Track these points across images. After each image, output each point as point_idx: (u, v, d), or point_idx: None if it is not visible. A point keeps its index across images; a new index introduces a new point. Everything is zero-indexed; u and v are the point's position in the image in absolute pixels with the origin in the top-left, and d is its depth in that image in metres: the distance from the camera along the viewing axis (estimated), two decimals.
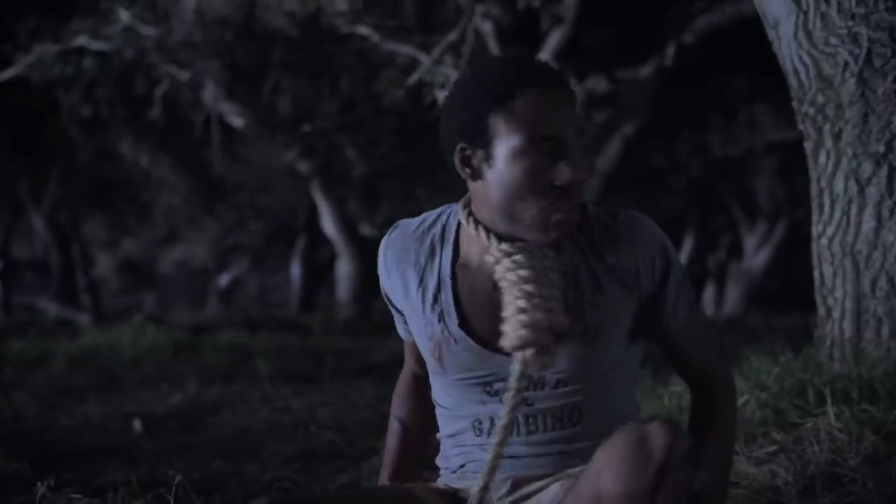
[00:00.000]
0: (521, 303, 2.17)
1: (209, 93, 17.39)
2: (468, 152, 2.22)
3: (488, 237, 2.25)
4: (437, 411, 2.50)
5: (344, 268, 20.17)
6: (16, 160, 24.31)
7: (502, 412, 2.19)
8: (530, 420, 2.29)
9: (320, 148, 18.57)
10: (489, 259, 2.25)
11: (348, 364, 8.65)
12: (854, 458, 2.99)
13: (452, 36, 12.88)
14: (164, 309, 25.75)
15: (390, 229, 2.48)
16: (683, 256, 27.43)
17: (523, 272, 2.18)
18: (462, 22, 12.49)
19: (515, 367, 2.18)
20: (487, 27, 14.17)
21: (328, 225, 19.99)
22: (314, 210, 22.37)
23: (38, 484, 3.24)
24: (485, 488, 2.22)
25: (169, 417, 5.16)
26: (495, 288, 2.25)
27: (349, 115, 18.09)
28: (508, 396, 2.20)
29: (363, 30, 15.25)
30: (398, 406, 2.72)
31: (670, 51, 13.60)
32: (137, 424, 4.83)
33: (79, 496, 3.07)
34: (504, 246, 2.22)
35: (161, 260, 32.63)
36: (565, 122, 2.17)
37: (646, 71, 14.22)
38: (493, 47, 14.40)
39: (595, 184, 14.38)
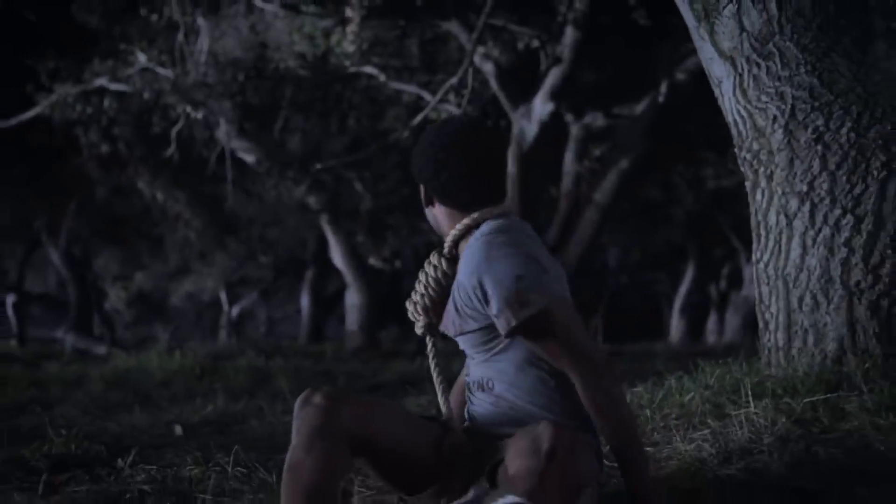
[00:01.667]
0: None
1: (222, 131, 17.77)
2: None
3: None
4: None
5: (353, 298, 20.43)
6: (34, 196, 24.80)
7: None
8: (472, 384, 3.16)
9: (329, 183, 18.86)
10: None
11: (359, 383, 9.26)
12: (768, 438, 3.65)
13: (454, 80, 13.27)
14: (177, 340, 26.17)
15: None
16: (685, 286, 27.94)
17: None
18: (464, 64, 12.94)
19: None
20: (488, 67, 14.66)
21: (337, 257, 20.31)
22: (322, 243, 22.75)
23: (119, 460, 3.96)
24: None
25: (203, 425, 5.79)
26: None
27: (357, 152, 18.50)
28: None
29: (370, 70, 15.72)
30: (454, 390, 3.51)
31: (663, 88, 13.96)
32: (178, 429, 5.46)
33: (152, 467, 3.75)
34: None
35: (172, 292, 32.72)
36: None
37: (640, 107, 14.54)
38: (494, 86, 14.95)
39: (592, 216, 14.70)
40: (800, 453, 3.45)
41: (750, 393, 4.06)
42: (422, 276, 3.14)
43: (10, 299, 29.69)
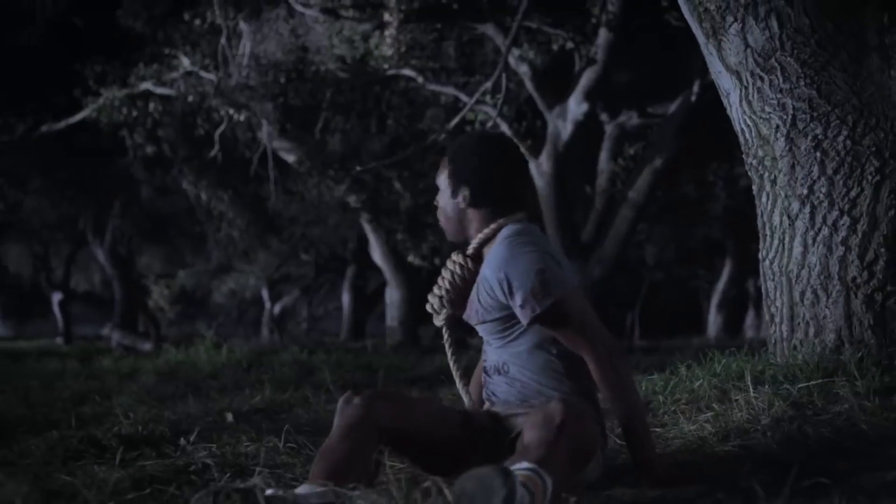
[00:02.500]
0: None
1: (265, 132, 18.06)
2: None
3: None
4: None
5: (393, 295, 20.91)
6: (80, 196, 25.21)
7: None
8: (494, 368, 3.57)
9: (369, 182, 19.09)
10: None
11: (397, 376, 9.64)
12: (765, 419, 4.03)
13: (488, 84, 13.50)
14: (220, 336, 26.34)
15: None
16: (722, 281, 28.10)
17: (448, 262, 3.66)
18: (499, 67, 13.17)
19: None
20: (524, 69, 14.92)
21: (377, 255, 20.80)
22: (363, 241, 23.14)
23: (181, 439, 4.40)
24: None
25: (252, 413, 6.16)
26: None
27: (396, 152, 18.69)
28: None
29: (408, 72, 15.93)
30: (473, 382, 3.94)
31: (696, 87, 14.10)
32: (229, 416, 5.83)
33: (212, 445, 4.17)
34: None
35: (215, 290, 32.87)
36: (438, 176, 3.63)
37: (673, 106, 14.74)
38: (529, 87, 15.24)
39: (627, 213, 14.86)
40: (792, 432, 3.83)
41: (750, 379, 4.45)
42: (446, 274, 3.57)
43: (57, 297, 30.17)
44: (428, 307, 3.65)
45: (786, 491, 2.64)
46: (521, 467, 2.85)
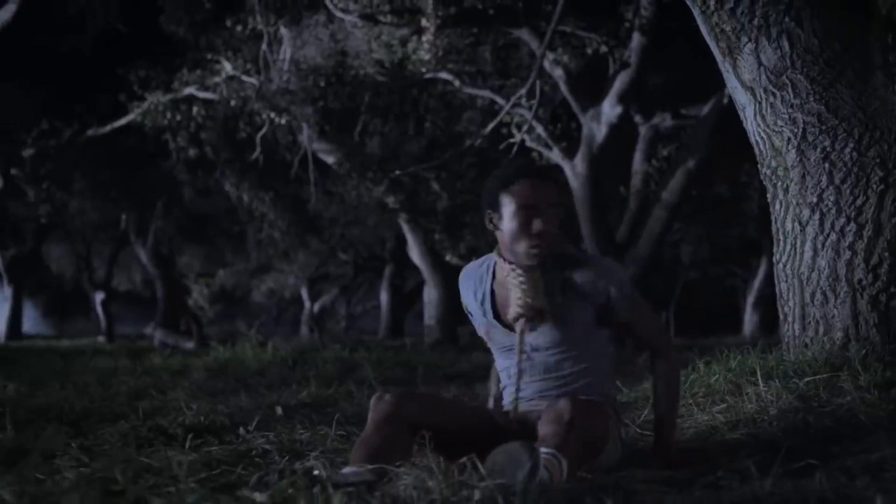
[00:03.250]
0: (521, 293, 3.77)
1: (305, 135, 18.47)
2: (491, 215, 3.80)
3: (506, 263, 3.83)
4: (497, 368, 4.12)
5: (431, 294, 21.33)
6: (123, 198, 25.70)
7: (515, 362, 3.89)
8: (528, 370, 3.88)
9: (407, 183, 19.48)
10: (506, 276, 3.83)
11: (436, 373, 10.07)
12: (773, 410, 4.40)
13: (523, 90, 13.75)
14: (262, 335, 26.44)
15: (464, 268, 4.15)
16: (758, 280, 28.24)
17: (520, 280, 3.77)
18: (533, 73, 13.37)
19: (517, 330, 3.83)
20: (558, 72, 15.21)
21: (415, 254, 21.20)
22: (401, 241, 23.42)
23: (240, 428, 4.80)
24: (515, 406, 3.90)
25: (300, 407, 6.51)
26: (510, 293, 3.86)
27: (433, 153, 19.02)
28: (516, 350, 3.85)
29: (445, 76, 16.25)
30: (492, 383, 4.31)
31: (727, 90, 14.22)
32: (279, 410, 6.19)
33: (269, 433, 4.57)
34: (512, 267, 3.79)
35: (254, 289, 33.10)
36: (539, 197, 3.70)
37: (706, 109, 14.94)
38: (564, 90, 15.52)
39: (660, 214, 15.20)
40: (796, 422, 4.20)
41: (761, 374, 4.83)
42: (520, 288, 3.81)
43: (99, 297, 30.62)
44: (515, 314, 3.87)
45: (777, 471, 3.01)
46: (543, 451, 3.25)
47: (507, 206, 3.73)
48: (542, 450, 3.24)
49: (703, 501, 2.74)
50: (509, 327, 3.89)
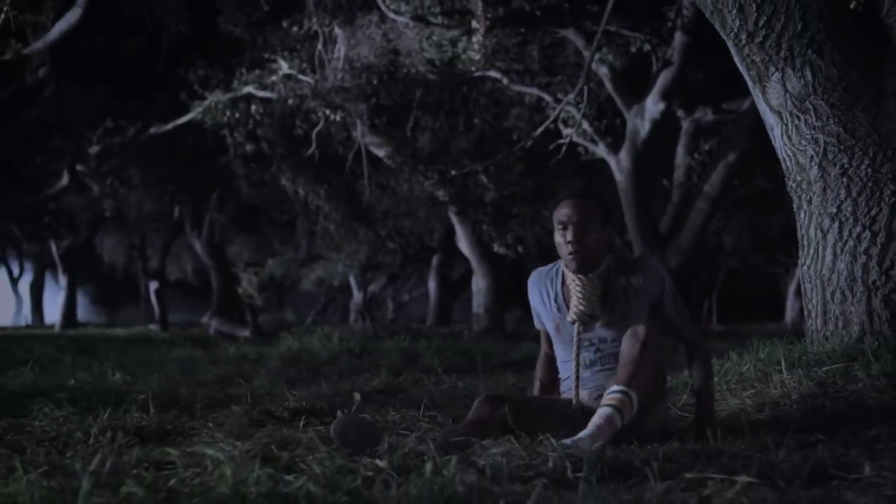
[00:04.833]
0: (576, 300, 4.52)
1: (359, 131, 18.98)
2: (553, 230, 4.58)
3: (566, 269, 4.59)
4: (559, 362, 4.79)
5: (479, 283, 21.83)
6: (182, 191, 26.40)
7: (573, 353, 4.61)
8: (598, 361, 4.58)
9: (457, 177, 19.49)
10: (571, 282, 4.57)
11: (493, 361, 10.76)
12: (795, 395, 5.10)
13: (571, 96, 14.06)
14: (316, 325, 26.29)
15: (533, 271, 4.87)
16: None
17: (578, 288, 4.51)
18: (583, 76, 13.60)
19: (575, 329, 4.57)
20: (603, 70, 15.68)
21: (463, 244, 21.72)
22: (449, 231, 23.99)
23: (338, 411, 5.41)
24: (577, 396, 4.58)
25: (375, 393, 7.09)
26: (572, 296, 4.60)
27: (482, 148, 19.52)
28: (575, 344, 4.58)
29: (494, 74, 16.66)
30: (539, 371, 5.02)
31: None
32: (357, 396, 6.55)
33: (365, 415, 5.22)
34: (578, 276, 4.53)
35: (304, 278, 33.42)
36: (575, 215, 4.46)
37: (746, 104, 15.14)
38: (609, 87, 15.97)
39: (702, 206, 15.59)
40: (815, 405, 4.90)
41: (785, 364, 5.54)
42: (582, 292, 4.53)
43: (153, 286, 30.88)
44: (572, 318, 4.57)
45: (790, 443, 3.73)
46: (612, 390, 4.11)
47: (554, 223, 4.54)
48: (614, 388, 4.10)
49: (730, 467, 3.42)
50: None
